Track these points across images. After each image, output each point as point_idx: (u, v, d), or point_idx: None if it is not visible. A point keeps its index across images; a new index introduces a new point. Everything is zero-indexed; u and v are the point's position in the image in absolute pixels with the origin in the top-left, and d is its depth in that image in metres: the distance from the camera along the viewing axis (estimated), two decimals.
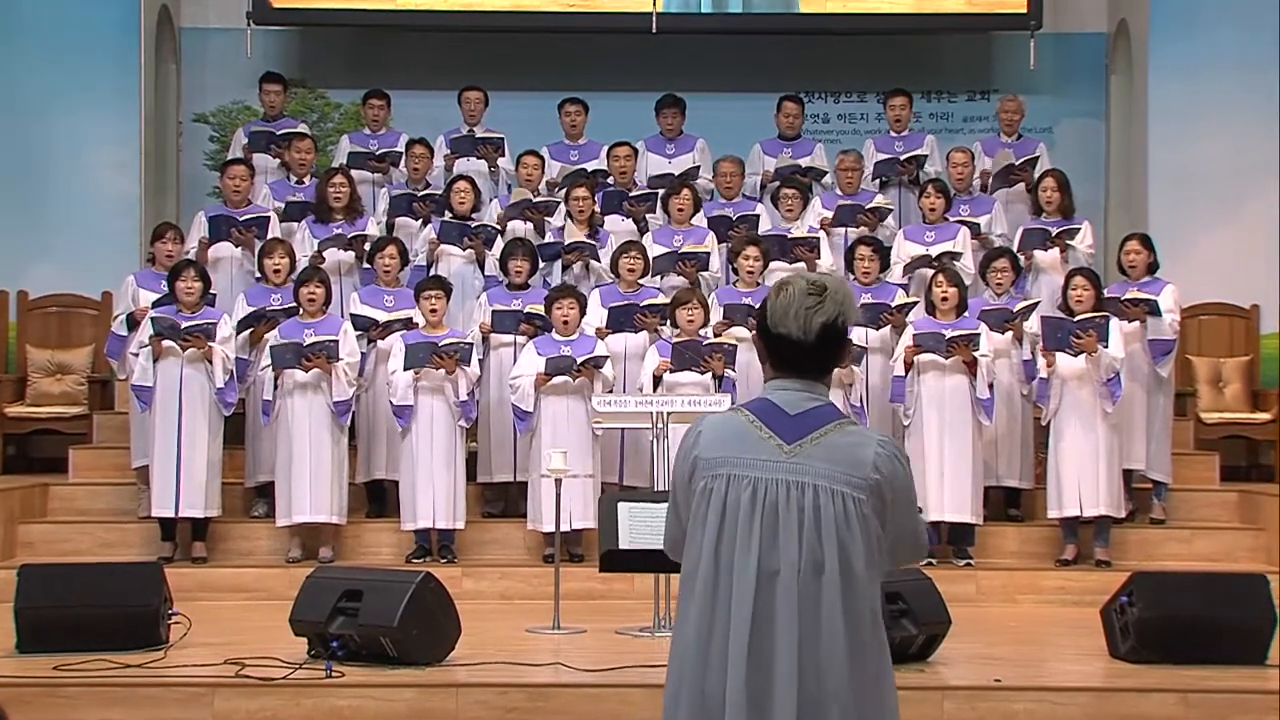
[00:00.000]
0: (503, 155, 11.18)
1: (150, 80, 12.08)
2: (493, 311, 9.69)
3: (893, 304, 9.59)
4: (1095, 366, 9.06)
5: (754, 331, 3.50)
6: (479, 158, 11.13)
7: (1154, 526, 9.72)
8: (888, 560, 3.42)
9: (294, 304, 9.49)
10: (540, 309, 9.60)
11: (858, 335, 9.29)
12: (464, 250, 10.30)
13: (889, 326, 9.57)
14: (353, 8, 12.31)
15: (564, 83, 11.95)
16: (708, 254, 10.20)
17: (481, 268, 10.34)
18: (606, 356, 9.36)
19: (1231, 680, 6.79)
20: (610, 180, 10.98)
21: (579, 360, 9.22)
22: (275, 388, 9.17)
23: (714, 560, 3.34)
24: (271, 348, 9.19)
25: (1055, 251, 10.19)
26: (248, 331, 9.52)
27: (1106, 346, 9.02)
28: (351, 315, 9.61)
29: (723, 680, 3.29)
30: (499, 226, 10.45)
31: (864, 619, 3.31)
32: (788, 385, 3.40)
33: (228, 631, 7.71)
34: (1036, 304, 9.59)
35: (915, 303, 9.63)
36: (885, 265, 9.97)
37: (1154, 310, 9.43)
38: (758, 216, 10.69)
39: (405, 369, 9.17)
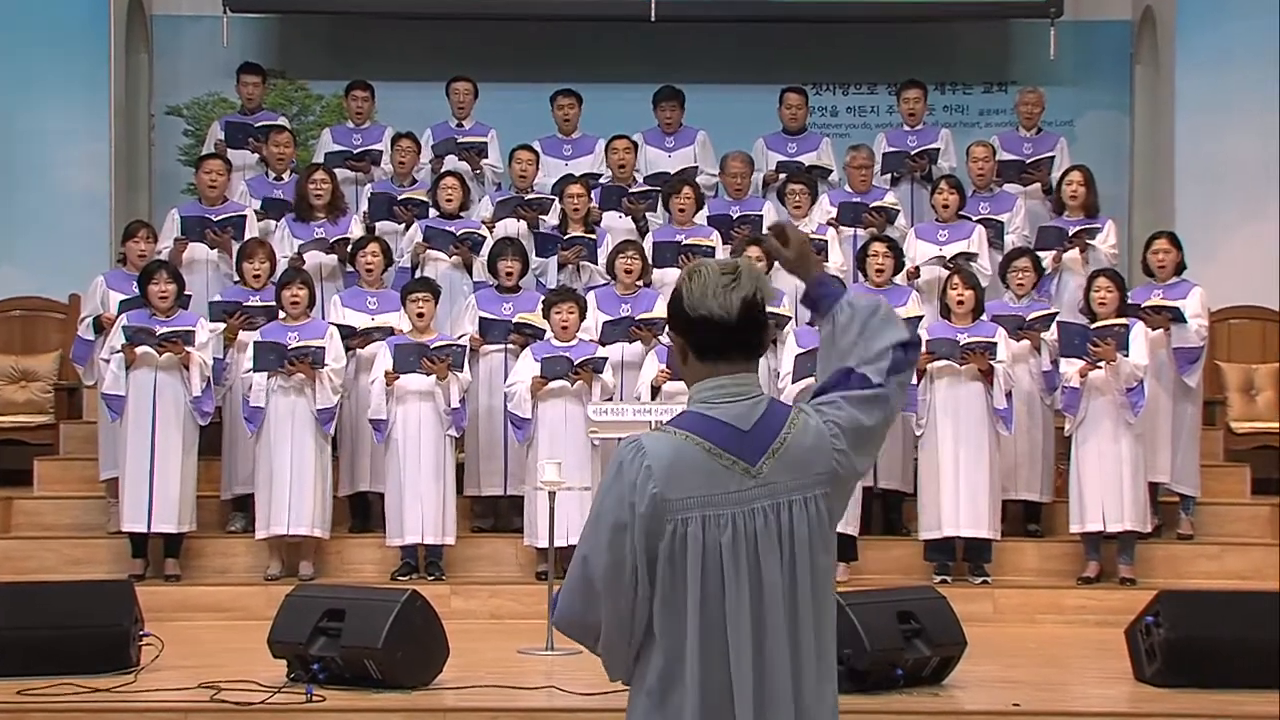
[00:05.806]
0: (485, 157, 11.17)
1: (120, 71, 12.09)
2: (480, 319, 9.69)
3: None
4: (1115, 376, 9.05)
5: (669, 329, 3.41)
6: (461, 160, 11.12)
7: (1181, 542, 9.72)
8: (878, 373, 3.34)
9: (273, 303, 9.49)
10: (530, 317, 9.62)
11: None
12: (450, 257, 10.30)
13: None
14: None
15: (557, 73, 11.95)
16: (712, 247, 10.18)
17: (469, 272, 10.34)
18: (606, 358, 9.37)
19: (1263, 705, 6.78)
20: (605, 176, 10.96)
21: (576, 362, 9.23)
22: (268, 396, 9.15)
23: (699, 638, 3.18)
24: (255, 344, 9.20)
25: (1075, 251, 10.20)
26: (221, 326, 9.51)
27: (1126, 354, 9.01)
28: (335, 325, 9.59)
29: None
30: (484, 234, 10.40)
31: (830, 637, 3.31)
32: (724, 388, 3.29)
33: (202, 653, 7.71)
34: (1055, 314, 9.56)
35: (920, 316, 9.59)
36: (900, 266, 9.94)
37: (1178, 317, 9.43)
38: (761, 216, 10.67)
39: (396, 372, 9.17)
